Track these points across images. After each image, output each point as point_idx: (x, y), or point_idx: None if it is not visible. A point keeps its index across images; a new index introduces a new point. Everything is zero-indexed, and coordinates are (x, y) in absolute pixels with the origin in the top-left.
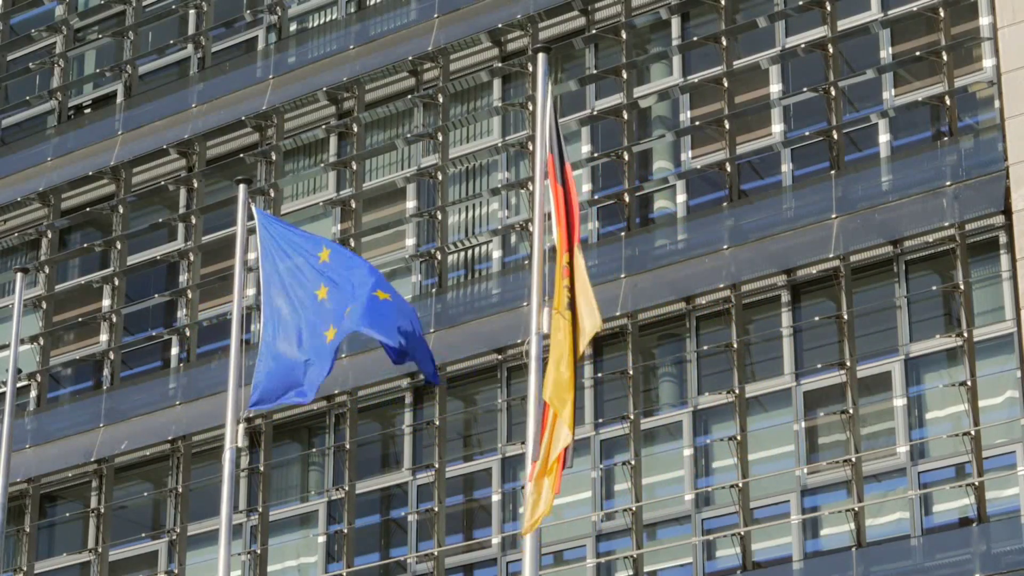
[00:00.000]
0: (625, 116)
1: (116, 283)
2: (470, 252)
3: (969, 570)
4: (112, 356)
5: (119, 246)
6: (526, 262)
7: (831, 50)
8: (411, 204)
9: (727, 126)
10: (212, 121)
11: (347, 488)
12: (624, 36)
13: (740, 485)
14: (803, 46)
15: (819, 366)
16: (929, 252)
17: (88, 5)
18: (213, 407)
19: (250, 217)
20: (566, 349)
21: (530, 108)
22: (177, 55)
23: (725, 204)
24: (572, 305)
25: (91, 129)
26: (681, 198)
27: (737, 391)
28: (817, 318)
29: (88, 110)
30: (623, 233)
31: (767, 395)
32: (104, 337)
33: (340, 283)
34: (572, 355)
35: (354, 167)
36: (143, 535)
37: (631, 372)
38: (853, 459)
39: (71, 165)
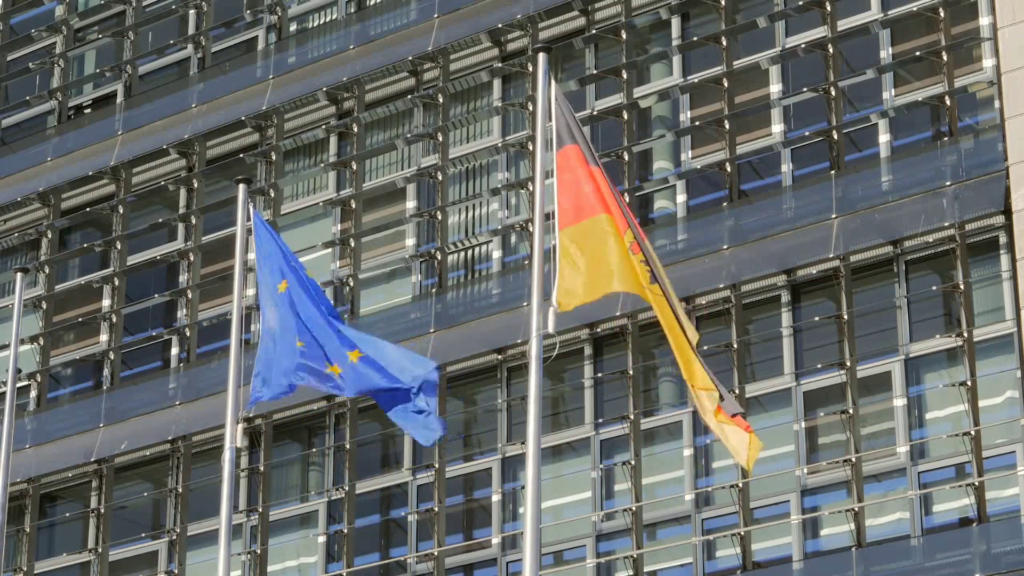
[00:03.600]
0: (625, 116)
1: (116, 283)
2: (470, 252)
3: (969, 570)
4: (112, 356)
5: (119, 246)
6: (526, 262)
7: (831, 50)
8: (411, 204)
9: (727, 126)
10: (212, 121)
11: (347, 488)
12: (624, 36)
13: (740, 485)
14: (803, 46)
15: (819, 366)
16: (929, 252)
17: (88, 5)
18: (213, 407)
19: (250, 217)
20: (673, 322)
21: (530, 108)
22: (177, 55)
23: (725, 204)
24: (656, 278)
25: (91, 129)
26: (681, 198)
27: (737, 391)
28: (817, 318)
29: (88, 110)
30: None
31: (767, 395)
32: (104, 337)
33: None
34: (678, 326)
35: (354, 167)
36: (143, 535)
37: (631, 372)
38: (853, 459)
39: (71, 165)
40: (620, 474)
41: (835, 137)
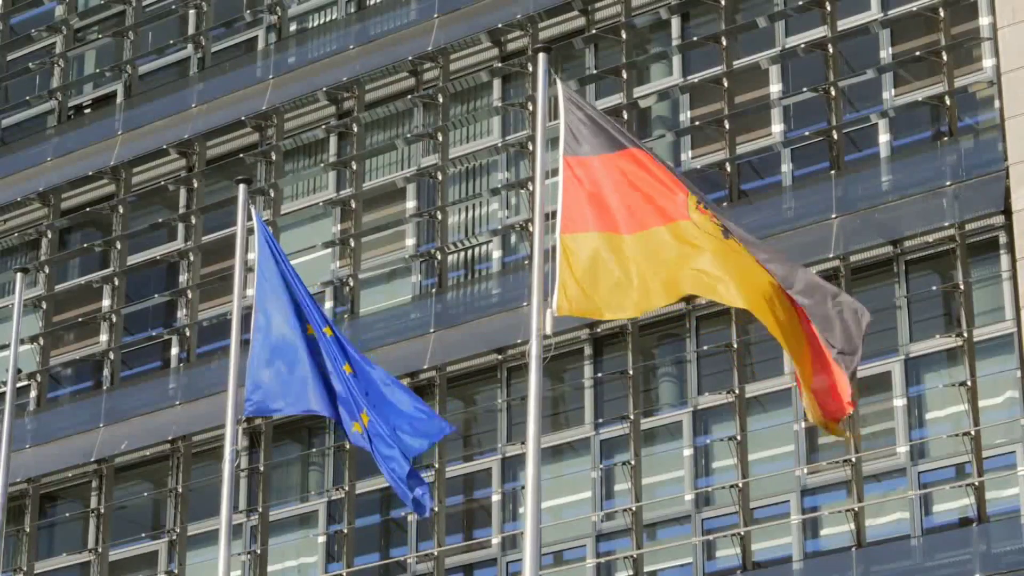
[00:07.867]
0: (625, 116)
1: (116, 283)
2: (470, 252)
3: (969, 570)
4: (112, 356)
5: (119, 246)
6: (526, 262)
7: (831, 50)
8: (411, 204)
9: (727, 126)
10: (212, 121)
11: (347, 488)
12: (624, 36)
13: (740, 485)
14: (803, 46)
15: None
16: (929, 252)
17: (88, 5)
18: (213, 407)
19: (250, 217)
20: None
21: (530, 108)
22: (177, 55)
23: (725, 204)
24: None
25: (91, 129)
26: None
27: (737, 391)
28: None
29: (88, 110)
30: None
31: (767, 395)
32: (104, 337)
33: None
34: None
35: (354, 167)
36: (143, 535)
37: (631, 372)
38: (853, 459)
39: (71, 165)
40: (620, 474)
41: (835, 137)
